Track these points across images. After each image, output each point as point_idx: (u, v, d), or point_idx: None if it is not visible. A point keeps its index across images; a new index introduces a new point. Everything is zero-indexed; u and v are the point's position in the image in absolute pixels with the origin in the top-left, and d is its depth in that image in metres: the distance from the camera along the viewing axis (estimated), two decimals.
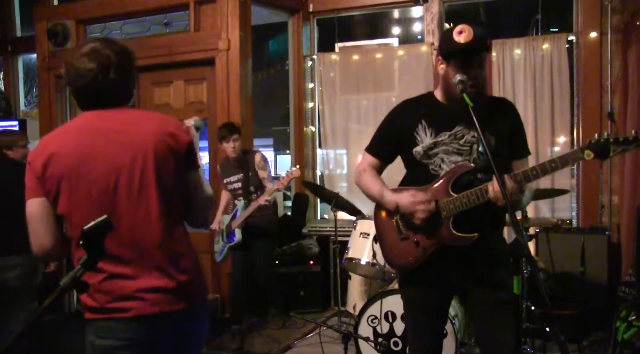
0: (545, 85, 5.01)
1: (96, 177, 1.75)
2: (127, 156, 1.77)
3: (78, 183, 1.75)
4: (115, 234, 1.65)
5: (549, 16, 5.67)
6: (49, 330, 4.61)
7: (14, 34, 6.83)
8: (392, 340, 3.55)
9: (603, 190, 4.83)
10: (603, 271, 4.27)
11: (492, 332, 2.26)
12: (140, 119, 1.87)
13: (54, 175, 1.75)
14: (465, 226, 2.14)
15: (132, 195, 1.77)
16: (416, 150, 2.25)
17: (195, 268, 1.89)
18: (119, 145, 1.78)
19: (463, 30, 2.08)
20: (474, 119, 1.98)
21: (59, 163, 1.75)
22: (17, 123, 5.93)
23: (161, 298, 1.77)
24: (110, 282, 1.74)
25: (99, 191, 1.75)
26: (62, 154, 1.76)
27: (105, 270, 1.74)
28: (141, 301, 1.75)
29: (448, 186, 2.17)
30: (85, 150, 1.76)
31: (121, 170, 1.76)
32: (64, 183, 1.75)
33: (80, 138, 1.79)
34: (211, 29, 5.09)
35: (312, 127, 5.97)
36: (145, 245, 1.78)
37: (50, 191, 1.76)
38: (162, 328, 1.81)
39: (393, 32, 6.46)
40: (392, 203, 2.24)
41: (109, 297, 1.74)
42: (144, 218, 1.78)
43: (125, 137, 1.79)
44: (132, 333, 1.76)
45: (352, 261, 4.09)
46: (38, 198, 1.77)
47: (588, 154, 1.93)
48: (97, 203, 1.74)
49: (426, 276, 2.28)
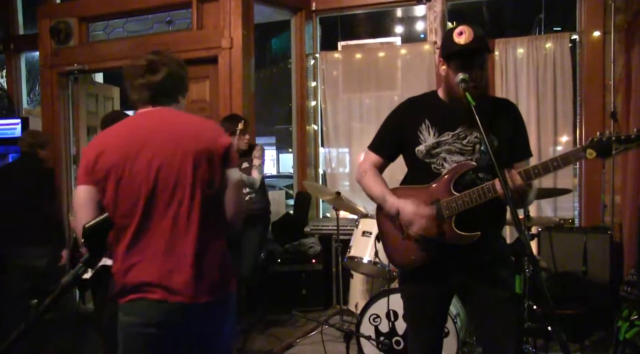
0: (548, 85, 5.00)
1: (138, 172, 1.92)
2: (167, 154, 1.94)
3: (122, 177, 1.92)
4: (148, 225, 1.89)
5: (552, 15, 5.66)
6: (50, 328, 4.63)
7: (17, 31, 6.84)
8: (394, 339, 3.55)
9: (605, 189, 4.82)
10: (605, 271, 4.26)
11: (493, 331, 2.26)
12: (183, 120, 2.06)
13: (103, 168, 1.92)
14: (467, 225, 2.14)
15: (168, 190, 1.92)
16: (419, 149, 2.25)
17: (221, 264, 2.00)
18: (162, 144, 1.95)
19: (463, 31, 2.09)
20: (476, 118, 1.98)
21: (107, 158, 1.93)
22: (19, 121, 5.94)
23: (183, 288, 1.89)
24: (138, 268, 1.90)
25: (139, 186, 1.91)
26: (111, 150, 1.94)
27: (136, 257, 1.91)
28: (164, 289, 1.88)
29: (450, 185, 2.17)
30: (130, 147, 1.94)
31: (161, 166, 1.92)
32: (111, 176, 1.92)
33: (129, 135, 1.98)
34: (214, 27, 5.09)
35: (314, 126, 5.97)
36: (175, 238, 1.92)
37: (99, 182, 1.94)
38: (183, 317, 1.91)
39: (396, 30, 6.45)
40: (394, 207, 2.23)
41: (135, 282, 1.90)
42: (176, 212, 1.92)
43: (168, 136, 1.97)
44: (151, 316, 1.90)
45: (354, 259, 4.09)
46: (86, 185, 1.94)
47: (590, 153, 1.93)
48: (137, 197, 1.91)
49: (426, 274, 2.28)
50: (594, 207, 4.86)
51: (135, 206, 1.91)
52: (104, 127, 3.48)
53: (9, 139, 5.87)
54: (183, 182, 1.93)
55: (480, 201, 2.09)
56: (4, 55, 6.91)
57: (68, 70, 5.64)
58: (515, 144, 2.24)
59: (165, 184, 1.93)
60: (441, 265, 2.24)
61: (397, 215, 2.22)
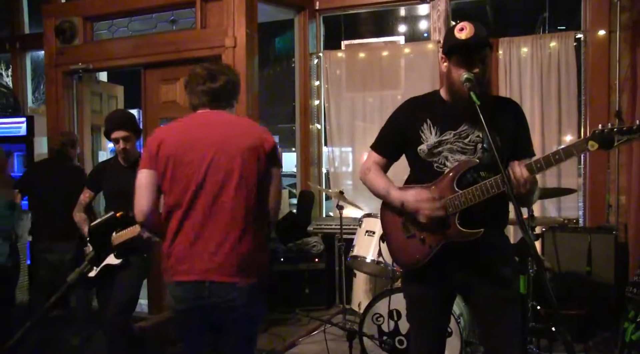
0: (553, 84, 4.98)
1: (190, 162, 2.18)
2: (218, 149, 2.19)
3: (176, 167, 2.19)
4: (195, 213, 2.15)
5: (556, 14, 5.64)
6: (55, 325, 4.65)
7: (22, 30, 6.87)
8: (396, 338, 3.56)
9: (610, 189, 4.80)
10: (610, 271, 4.24)
11: (496, 330, 2.25)
12: (234, 121, 2.32)
13: (164, 155, 2.21)
14: (470, 222, 2.14)
15: (216, 182, 2.17)
16: (421, 149, 2.26)
17: (252, 252, 2.21)
18: (214, 140, 2.21)
19: (464, 27, 2.10)
20: (480, 117, 1.98)
21: (167, 148, 2.21)
22: (24, 120, 5.95)
23: (216, 269, 2.15)
24: (178, 251, 2.18)
25: (190, 176, 2.17)
26: (170, 140, 2.23)
27: (179, 241, 2.18)
28: (195, 272, 2.15)
29: (453, 182, 2.17)
30: (187, 140, 2.22)
31: (212, 160, 2.18)
32: (169, 164, 2.20)
33: (186, 130, 2.27)
34: (218, 26, 5.08)
35: (317, 125, 5.97)
36: (217, 225, 2.16)
37: (159, 169, 2.22)
38: (209, 295, 2.16)
39: (399, 30, 6.45)
40: (398, 200, 2.24)
41: (174, 264, 2.20)
42: (222, 203, 2.17)
43: (220, 134, 2.23)
44: (187, 294, 2.18)
45: (357, 259, 4.09)
46: (148, 169, 2.23)
47: (592, 145, 1.93)
48: (187, 186, 2.17)
49: (429, 274, 2.28)
50: (599, 207, 4.84)
51: (185, 193, 2.18)
52: (107, 125, 3.50)
53: (15, 137, 5.89)
54: (230, 176, 2.17)
55: (484, 197, 2.09)
56: (9, 54, 6.94)
57: (73, 69, 5.65)
58: (517, 144, 2.24)
59: (214, 176, 2.17)
60: (444, 263, 2.23)
61: (401, 207, 2.22)
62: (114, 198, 3.49)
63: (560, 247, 4.33)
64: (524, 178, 2.00)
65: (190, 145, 2.21)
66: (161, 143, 2.23)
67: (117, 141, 3.44)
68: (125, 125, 3.46)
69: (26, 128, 5.89)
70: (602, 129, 1.92)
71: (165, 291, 5.37)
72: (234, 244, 2.17)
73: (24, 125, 5.92)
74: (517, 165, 2.03)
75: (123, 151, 3.46)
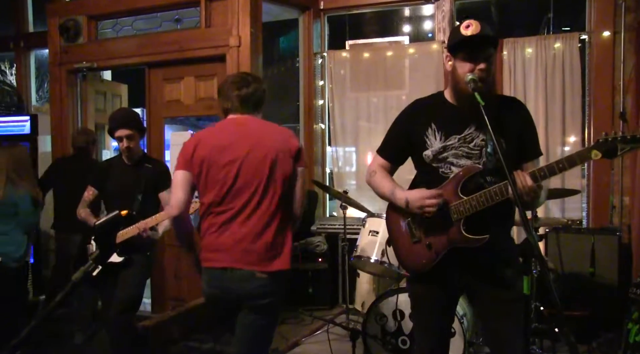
0: (557, 85, 4.98)
1: (225, 164, 2.41)
2: (249, 152, 2.41)
3: (210, 168, 2.42)
4: (228, 209, 2.40)
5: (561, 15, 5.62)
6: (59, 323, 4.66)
7: (27, 29, 6.88)
8: (400, 338, 3.56)
9: (614, 190, 4.79)
10: (613, 272, 4.24)
11: (500, 332, 2.25)
12: (263, 126, 2.54)
13: (199, 158, 2.43)
14: (476, 227, 2.14)
15: (247, 182, 2.40)
16: (425, 154, 2.26)
17: (280, 244, 2.47)
18: (245, 144, 2.43)
19: (470, 24, 2.10)
20: (484, 118, 1.98)
21: (202, 150, 2.44)
22: (28, 118, 5.96)
23: (242, 258, 2.38)
24: (213, 242, 2.43)
25: (224, 176, 2.41)
26: (205, 144, 2.46)
27: (213, 232, 2.43)
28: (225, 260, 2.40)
29: (457, 188, 2.17)
30: (221, 143, 2.44)
31: (243, 162, 2.40)
32: (204, 166, 2.43)
33: (220, 134, 2.50)
34: (222, 25, 5.09)
35: (321, 125, 5.97)
36: (249, 220, 2.40)
37: (194, 170, 2.45)
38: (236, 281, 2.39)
39: (404, 30, 6.42)
40: (403, 199, 2.24)
41: (206, 253, 2.46)
42: (252, 201, 2.40)
43: (251, 138, 2.45)
44: (215, 280, 2.44)
45: (360, 258, 4.09)
46: (183, 170, 2.46)
47: (595, 154, 1.92)
48: (221, 185, 2.41)
49: (434, 275, 2.28)
50: (603, 208, 4.84)
51: (220, 192, 2.41)
52: (111, 123, 3.50)
53: (18, 136, 5.90)
54: (260, 176, 2.39)
55: (488, 204, 2.08)
56: (13, 52, 6.96)
57: (77, 68, 5.66)
58: (524, 144, 2.23)
59: (245, 177, 2.40)
60: (450, 266, 2.23)
61: (407, 206, 2.23)
62: (117, 196, 3.50)
63: (564, 248, 4.32)
64: (528, 186, 1.99)
65: (224, 147, 2.43)
66: (196, 146, 2.46)
67: (121, 139, 3.44)
68: (129, 124, 3.46)
69: (30, 127, 5.91)
70: (605, 138, 1.91)
71: (167, 290, 5.40)
72: (262, 237, 2.40)
73: (28, 124, 5.93)
74: (521, 174, 2.02)
75: (127, 149, 3.47)
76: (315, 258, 5.24)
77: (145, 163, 3.56)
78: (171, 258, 5.43)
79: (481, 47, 2.11)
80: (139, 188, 3.41)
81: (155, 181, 3.52)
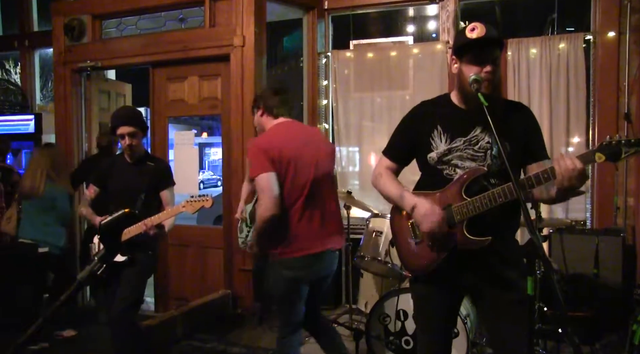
0: (561, 85, 4.96)
1: (303, 166, 2.85)
2: (318, 153, 2.95)
3: (295, 168, 2.83)
4: (310, 203, 2.85)
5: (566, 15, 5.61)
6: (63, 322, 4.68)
7: (31, 28, 6.90)
8: (403, 339, 3.55)
9: (618, 191, 4.77)
10: (617, 273, 4.23)
11: (504, 334, 2.25)
12: (312, 129, 3.33)
13: (286, 158, 2.81)
14: (479, 229, 2.13)
15: (320, 179, 2.91)
16: (430, 156, 2.26)
17: (341, 226, 3.12)
18: (315, 146, 2.96)
19: (476, 27, 2.10)
20: (488, 119, 1.97)
21: (286, 153, 2.81)
22: (32, 117, 5.98)
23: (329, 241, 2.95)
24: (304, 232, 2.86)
25: (305, 175, 2.85)
26: (288, 147, 2.84)
27: (303, 224, 2.84)
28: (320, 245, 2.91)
29: (461, 190, 2.16)
30: (297, 147, 2.87)
31: (317, 162, 2.91)
32: (292, 165, 2.82)
33: (293, 137, 2.93)
34: (226, 25, 5.09)
35: (325, 125, 5.96)
36: (326, 210, 2.95)
37: (281, 171, 2.80)
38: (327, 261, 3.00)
39: (408, 30, 6.42)
40: (411, 204, 2.24)
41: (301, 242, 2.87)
42: (325, 192, 2.96)
43: (315, 141, 3.00)
44: (311, 265, 2.91)
45: (364, 259, 4.09)
46: (271, 172, 2.76)
47: (599, 157, 1.90)
48: (303, 183, 2.84)
49: (438, 275, 2.28)
50: (607, 209, 4.82)
51: (302, 189, 2.84)
52: (113, 121, 3.49)
53: (23, 135, 5.92)
54: (326, 172, 2.96)
55: (492, 206, 2.07)
56: (18, 51, 6.98)
57: (81, 67, 5.68)
58: (530, 148, 2.22)
59: (318, 173, 2.89)
60: (453, 266, 2.23)
61: (412, 212, 2.23)
62: (118, 195, 3.48)
63: (568, 249, 4.31)
64: (577, 168, 1.90)
65: (301, 151, 2.87)
66: (282, 148, 2.81)
67: (123, 137, 3.43)
68: (131, 121, 3.44)
69: (34, 126, 5.94)
70: (610, 141, 1.88)
71: (171, 290, 5.41)
72: (337, 220, 3.04)
73: (32, 123, 5.96)
74: (565, 157, 1.92)
75: (129, 147, 3.45)
76: None
77: (147, 162, 3.55)
78: (174, 257, 5.44)
79: (487, 50, 2.11)
80: (141, 187, 3.40)
81: (157, 180, 3.51)
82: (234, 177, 5.04)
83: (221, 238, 5.25)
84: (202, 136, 29.09)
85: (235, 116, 5.04)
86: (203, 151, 28.99)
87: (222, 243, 5.23)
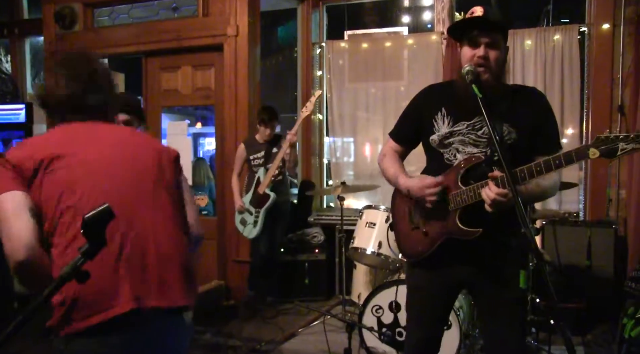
0: (556, 77, 4.95)
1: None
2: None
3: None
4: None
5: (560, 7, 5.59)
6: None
7: (21, 16, 6.81)
8: (396, 330, 3.56)
9: (611, 183, 4.78)
10: (609, 265, 4.25)
11: (497, 330, 2.24)
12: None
13: None
14: (473, 219, 2.10)
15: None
16: (432, 138, 2.23)
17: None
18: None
19: (475, 10, 2.08)
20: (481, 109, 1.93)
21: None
22: (23, 107, 5.91)
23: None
24: None
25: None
26: None
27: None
28: None
29: (457, 178, 2.13)
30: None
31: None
32: None
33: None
34: (220, 14, 5.05)
35: (319, 115, 5.95)
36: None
37: None
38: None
39: (403, 20, 6.38)
40: (404, 187, 2.24)
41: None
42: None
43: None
44: None
45: (357, 250, 4.09)
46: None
47: (593, 152, 1.80)
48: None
49: (433, 265, 2.27)
50: (599, 201, 4.83)
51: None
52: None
53: (13, 124, 5.86)
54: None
55: (477, 199, 2.04)
56: (8, 39, 6.89)
57: None
58: (539, 136, 2.14)
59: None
60: (449, 257, 2.22)
61: (408, 194, 2.23)
62: None
63: (561, 241, 4.32)
64: (491, 198, 1.94)
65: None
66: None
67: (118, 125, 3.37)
68: (125, 108, 3.33)
69: (25, 115, 5.86)
70: (606, 136, 1.79)
71: None
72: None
73: (23, 112, 5.89)
74: (487, 187, 1.96)
75: None
76: (312, 249, 5.24)
77: None
78: None
79: (481, 31, 2.06)
80: None
81: None
82: (227, 167, 5.02)
83: (214, 228, 5.24)
84: (196, 126, 29.02)
85: (228, 106, 5.01)
86: (197, 141, 28.95)
87: (215, 234, 5.22)
